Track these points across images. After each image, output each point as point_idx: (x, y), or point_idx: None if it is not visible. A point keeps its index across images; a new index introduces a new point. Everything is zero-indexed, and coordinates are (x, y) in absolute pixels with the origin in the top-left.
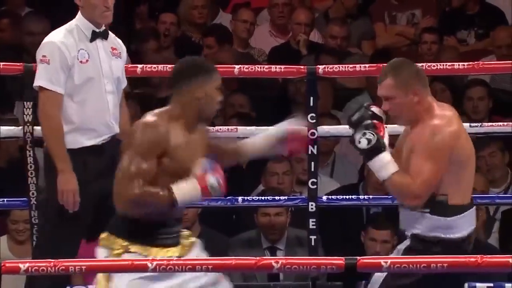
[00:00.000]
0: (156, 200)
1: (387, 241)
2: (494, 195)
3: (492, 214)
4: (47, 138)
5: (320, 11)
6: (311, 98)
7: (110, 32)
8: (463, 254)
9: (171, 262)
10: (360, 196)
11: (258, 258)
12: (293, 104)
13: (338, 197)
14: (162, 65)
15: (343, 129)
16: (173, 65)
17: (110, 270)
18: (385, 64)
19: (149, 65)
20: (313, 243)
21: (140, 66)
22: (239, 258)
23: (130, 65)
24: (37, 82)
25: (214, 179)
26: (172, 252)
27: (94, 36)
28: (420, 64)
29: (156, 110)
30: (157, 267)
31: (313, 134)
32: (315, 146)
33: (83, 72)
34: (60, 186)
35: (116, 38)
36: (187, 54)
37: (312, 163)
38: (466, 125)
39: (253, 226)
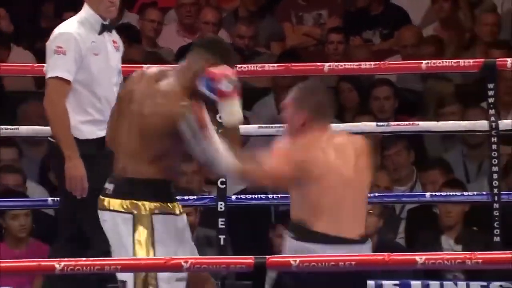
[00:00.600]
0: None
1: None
2: (400, 193)
3: (398, 213)
4: (54, 126)
5: (228, 11)
6: None
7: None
8: None
9: (79, 262)
10: (269, 195)
11: (167, 257)
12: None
13: (247, 196)
14: None
15: (252, 128)
16: None
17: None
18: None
19: None
20: (222, 243)
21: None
22: (148, 258)
23: (36, 65)
24: (55, 73)
25: (228, 81)
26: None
27: (103, 29)
28: (327, 64)
29: None
30: (65, 267)
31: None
32: None
33: (96, 64)
34: (68, 172)
35: (115, 32)
36: None
37: None
38: (373, 124)
39: None
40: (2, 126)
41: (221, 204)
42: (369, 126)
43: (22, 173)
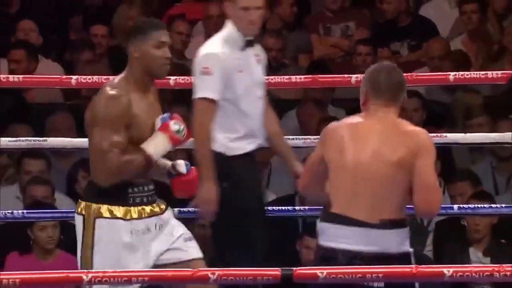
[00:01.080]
0: (135, 165)
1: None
2: None
3: (425, 225)
4: (198, 145)
5: None
6: None
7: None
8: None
9: (106, 274)
10: (297, 208)
11: (194, 269)
12: None
13: (274, 208)
14: (97, 76)
15: None
16: (108, 76)
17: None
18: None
19: (84, 76)
20: None
21: (74, 77)
22: (175, 270)
23: (64, 77)
24: (202, 94)
25: (175, 123)
26: (147, 210)
27: (246, 45)
28: (354, 76)
29: (114, 79)
30: (92, 279)
31: None
32: None
33: (241, 81)
34: (200, 193)
35: (259, 45)
36: (121, 65)
37: None
38: None
39: None
40: (30, 138)
41: None
42: None
43: (50, 185)
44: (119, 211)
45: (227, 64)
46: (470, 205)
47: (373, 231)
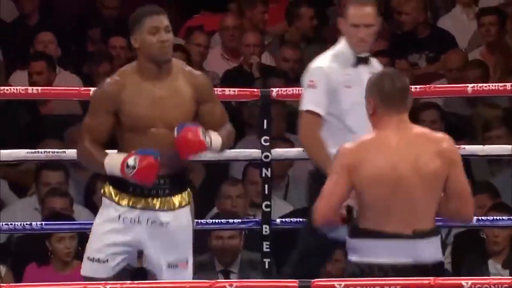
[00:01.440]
0: (91, 160)
1: (338, 260)
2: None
3: (444, 237)
4: (312, 155)
5: (275, 35)
6: (265, 121)
7: (371, 58)
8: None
9: (124, 285)
10: None
11: (212, 281)
12: (247, 127)
13: (292, 220)
14: None
15: (297, 152)
16: None
17: None
18: None
19: None
20: (267, 266)
21: (93, 89)
22: (193, 282)
23: (82, 88)
24: (306, 106)
25: (133, 160)
26: (142, 202)
27: (358, 62)
28: None
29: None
30: None
31: (266, 157)
32: (269, 169)
33: (349, 97)
34: None
35: (377, 62)
36: None
37: (266, 186)
38: None
39: (205, 250)
40: (49, 150)
41: (265, 228)
42: None
43: (69, 197)
44: (117, 195)
45: (332, 79)
46: (489, 217)
47: (407, 242)
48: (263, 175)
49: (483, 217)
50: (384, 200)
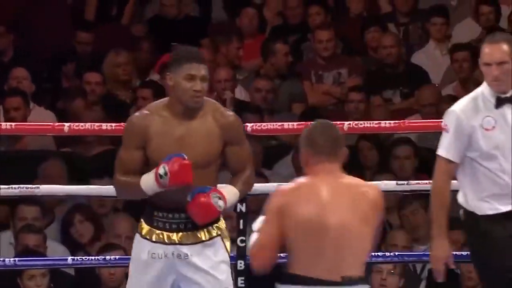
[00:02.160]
0: (128, 187)
1: None
2: (421, 252)
3: (418, 273)
4: (432, 201)
5: (251, 70)
6: None
7: None
8: None
9: None
10: None
11: None
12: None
13: None
14: (89, 123)
15: (272, 187)
16: (101, 123)
17: None
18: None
19: (77, 123)
20: None
21: (67, 124)
22: None
23: (56, 124)
24: (438, 151)
25: (163, 169)
26: (166, 236)
27: (500, 103)
28: (347, 123)
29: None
30: None
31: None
32: (244, 204)
33: (490, 139)
34: (432, 251)
35: None
36: (114, 111)
37: (241, 221)
38: (393, 182)
39: None
40: (23, 186)
41: (240, 263)
42: (389, 185)
43: (42, 233)
44: (145, 229)
45: (466, 122)
46: (463, 253)
47: None
48: (238, 210)
49: (457, 253)
50: (312, 246)
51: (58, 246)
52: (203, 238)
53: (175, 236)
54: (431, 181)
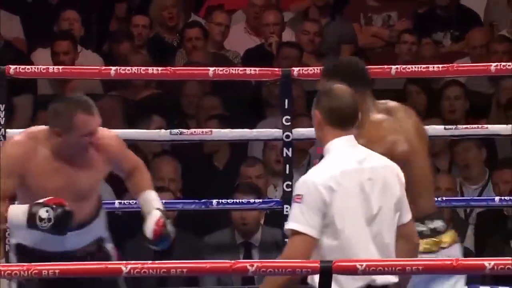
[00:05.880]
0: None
1: None
2: (469, 197)
3: (465, 218)
4: None
5: (298, 11)
6: (286, 100)
7: None
8: None
9: (145, 265)
10: None
11: (233, 261)
12: (267, 106)
13: None
14: (136, 67)
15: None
16: (147, 67)
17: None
18: None
19: (123, 67)
20: None
21: (114, 68)
22: (213, 262)
23: (103, 68)
24: None
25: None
26: None
27: None
28: (394, 67)
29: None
30: (131, 270)
31: (288, 136)
32: (290, 149)
33: None
34: None
35: None
36: (161, 55)
37: (287, 165)
38: (441, 127)
39: (226, 225)
40: None
41: (287, 207)
42: (437, 129)
43: None
44: None
45: None
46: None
47: None
48: (284, 154)
49: (505, 197)
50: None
51: (105, 186)
52: None
53: None
54: (480, 126)
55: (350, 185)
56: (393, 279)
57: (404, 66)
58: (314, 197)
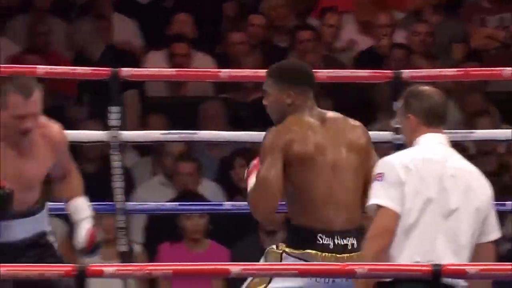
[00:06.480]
0: None
1: None
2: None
3: None
4: None
5: (410, 12)
6: (396, 102)
7: None
8: None
9: (255, 267)
10: None
11: (343, 263)
12: (376, 108)
13: None
14: (248, 70)
15: None
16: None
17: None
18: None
19: (236, 70)
20: None
21: (226, 70)
22: (325, 264)
23: (216, 70)
24: None
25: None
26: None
27: None
28: (508, 69)
29: None
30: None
31: (398, 139)
32: None
33: None
34: None
35: None
36: (273, 56)
37: None
38: None
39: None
40: (182, 131)
41: None
42: None
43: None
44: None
45: None
46: None
47: None
48: None
49: None
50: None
51: (213, 186)
52: None
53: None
54: None
55: (429, 172)
56: (463, 282)
57: None
58: (392, 174)
